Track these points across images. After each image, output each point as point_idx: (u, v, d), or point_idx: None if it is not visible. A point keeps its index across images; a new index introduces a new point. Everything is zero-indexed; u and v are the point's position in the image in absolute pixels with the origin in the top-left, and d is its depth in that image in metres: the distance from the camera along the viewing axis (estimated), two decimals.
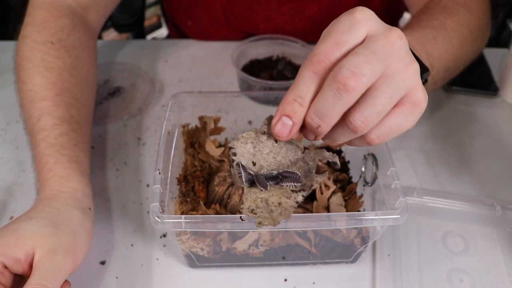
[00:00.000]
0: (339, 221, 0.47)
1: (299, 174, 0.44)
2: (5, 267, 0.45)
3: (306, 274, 0.56)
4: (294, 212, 0.44)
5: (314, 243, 0.53)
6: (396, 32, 0.39)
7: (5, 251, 0.45)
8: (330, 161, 0.43)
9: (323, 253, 0.55)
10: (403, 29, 0.61)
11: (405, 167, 0.70)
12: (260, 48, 0.89)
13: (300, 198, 0.43)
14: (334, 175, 0.59)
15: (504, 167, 0.71)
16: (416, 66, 0.40)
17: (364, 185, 0.61)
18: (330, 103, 0.38)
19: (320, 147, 0.64)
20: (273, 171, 0.44)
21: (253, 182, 0.44)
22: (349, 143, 0.43)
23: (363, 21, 0.39)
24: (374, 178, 0.58)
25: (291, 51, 0.89)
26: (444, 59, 0.60)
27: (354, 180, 0.62)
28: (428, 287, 0.55)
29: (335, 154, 0.43)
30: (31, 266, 0.46)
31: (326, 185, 0.56)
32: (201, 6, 0.94)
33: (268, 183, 0.44)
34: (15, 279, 0.47)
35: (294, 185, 0.43)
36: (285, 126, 0.40)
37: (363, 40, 0.39)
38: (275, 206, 0.43)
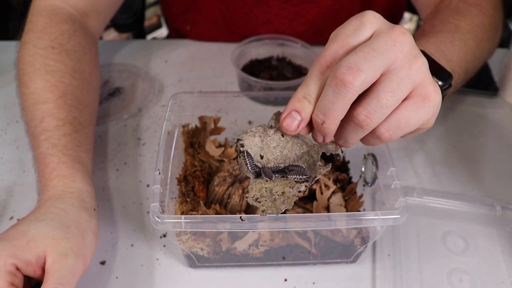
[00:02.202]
0: (339, 221, 0.47)
1: (304, 167, 0.45)
2: (17, 269, 0.45)
3: (306, 274, 0.56)
4: (294, 213, 0.44)
5: (314, 243, 0.53)
6: (398, 29, 0.40)
7: (17, 253, 0.45)
8: (334, 153, 0.44)
9: (323, 253, 0.55)
10: (418, 37, 0.61)
11: (405, 167, 0.70)
12: (260, 48, 0.89)
13: (303, 188, 0.44)
14: (334, 175, 0.59)
15: (504, 167, 0.71)
16: (423, 60, 0.41)
17: (364, 185, 0.61)
18: (330, 99, 0.39)
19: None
20: (280, 165, 0.46)
21: (259, 174, 0.45)
22: (364, 141, 0.44)
23: (368, 24, 0.41)
24: (374, 178, 0.58)
25: (291, 51, 0.89)
26: (464, 62, 0.60)
27: (354, 180, 0.62)
28: (428, 287, 0.55)
29: (338, 147, 0.44)
30: (42, 268, 0.46)
31: (326, 185, 0.56)
32: (200, 11, 0.93)
33: (274, 175, 0.45)
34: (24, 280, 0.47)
35: (299, 178, 0.45)
36: (294, 120, 0.42)
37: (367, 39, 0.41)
38: (278, 195, 0.44)
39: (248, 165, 0.45)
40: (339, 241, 0.53)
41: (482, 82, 0.84)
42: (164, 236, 0.60)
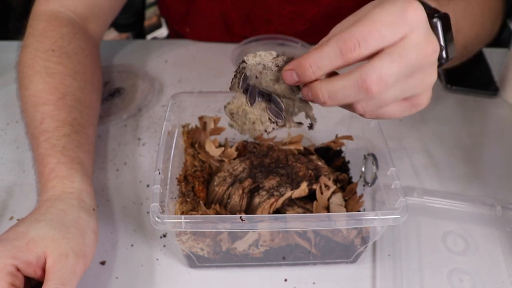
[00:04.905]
0: (339, 221, 0.47)
1: (284, 108, 0.47)
2: (18, 269, 0.45)
3: (306, 274, 0.56)
4: (294, 213, 0.44)
5: (314, 243, 0.53)
6: (432, 46, 0.41)
7: (17, 254, 0.45)
8: (311, 121, 0.47)
9: (323, 253, 0.55)
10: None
11: (405, 167, 0.70)
12: (260, 49, 0.88)
13: (270, 129, 0.47)
14: (334, 175, 0.59)
15: (504, 167, 0.71)
16: (434, 78, 0.42)
17: (364, 185, 0.61)
18: (346, 94, 0.40)
19: (322, 147, 0.64)
20: (269, 91, 0.48)
21: (247, 90, 0.48)
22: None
23: (410, 24, 0.39)
24: (374, 178, 0.58)
25: (291, 51, 0.89)
26: (468, 37, 0.59)
27: (354, 180, 0.62)
28: (428, 287, 0.55)
29: (315, 118, 0.47)
30: (42, 269, 0.46)
31: (326, 185, 0.56)
32: (200, 13, 0.93)
33: (257, 99, 0.48)
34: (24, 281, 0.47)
35: (274, 117, 0.47)
36: (292, 79, 0.43)
37: (401, 38, 0.40)
38: (249, 122, 0.47)
39: (240, 85, 0.47)
40: (339, 241, 0.53)
41: (482, 82, 0.84)
42: (164, 236, 0.60)
